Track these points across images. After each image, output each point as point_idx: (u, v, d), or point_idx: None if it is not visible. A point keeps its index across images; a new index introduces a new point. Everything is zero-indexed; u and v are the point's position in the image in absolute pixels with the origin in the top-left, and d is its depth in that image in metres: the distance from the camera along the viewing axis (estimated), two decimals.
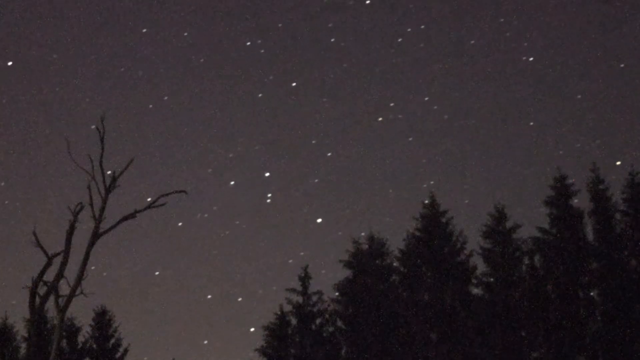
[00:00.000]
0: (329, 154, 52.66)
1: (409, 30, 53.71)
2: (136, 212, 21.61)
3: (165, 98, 54.91)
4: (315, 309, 36.39)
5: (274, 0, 54.51)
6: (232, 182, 52.91)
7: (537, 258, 34.16)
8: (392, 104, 54.05)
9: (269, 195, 51.61)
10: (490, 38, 52.89)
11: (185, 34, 56.04)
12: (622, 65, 50.16)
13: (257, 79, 53.93)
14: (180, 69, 55.26)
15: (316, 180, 52.98)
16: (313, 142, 53.13)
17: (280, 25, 54.16)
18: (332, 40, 54.21)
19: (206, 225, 50.57)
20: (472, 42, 51.78)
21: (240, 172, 53.52)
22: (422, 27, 53.10)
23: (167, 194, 21.85)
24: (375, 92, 53.16)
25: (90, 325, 37.40)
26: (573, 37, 52.16)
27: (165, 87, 55.22)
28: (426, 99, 53.06)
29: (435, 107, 52.85)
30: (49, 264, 21.14)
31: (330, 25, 53.60)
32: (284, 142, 53.93)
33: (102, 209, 21.34)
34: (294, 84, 53.19)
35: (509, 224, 34.72)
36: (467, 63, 52.52)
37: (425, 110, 53.17)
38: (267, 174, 52.11)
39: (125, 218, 21.66)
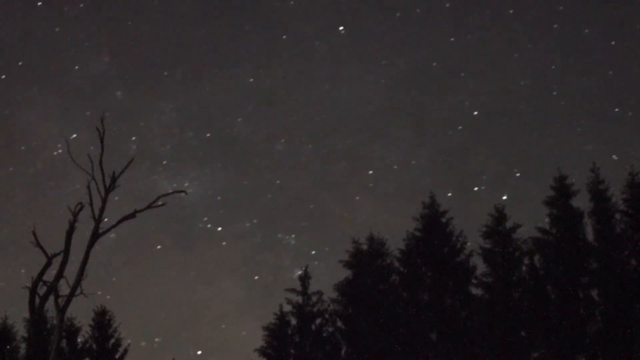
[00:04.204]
0: (329, 154, 52.70)
1: (408, 30, 53.74)
2: (136, 212, 21.62)
3: (166, 98, 54.94)
4: (315, 309, 36.37)
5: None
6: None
7: (537, 258, 34.11)
8: (391, 104, 54.08)
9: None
10: (490, 36, 52.88)
11: (186, 33, 56.05)
12: (623, 64, 50.16)
13: (258, 79, 53.92)
14: (181, 68, 55.23)
15: (316, 180, 53.03)
16: (312, 141, 53.11)
17: (284, 35, 54.27)
18: (333, 38, 54.25)
19: (206, 225, 50.54)
20: (472, 40, 51.79)
21: (241, 172, 53.54)
22: (420, 27, 53.15)
23: (167, 194, 21.89)
24: (375, 92, 53.16)
25: (90, 325, 37.38)
26: (573, 35, 52.17)
27: (165, 87, 55.17)
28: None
29: (435, 106, 52.91)
30: (48, 264, 21.13)
31: (330, 24, 53.66)
32: (284, 142, 53.87)
33: (102, 209, 21.36)
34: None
35: (509, 224, 34.71)
36: (466, 62, 52.53)
37: (424, 110, 53.21)
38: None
39: (125, 218, 21.67)
